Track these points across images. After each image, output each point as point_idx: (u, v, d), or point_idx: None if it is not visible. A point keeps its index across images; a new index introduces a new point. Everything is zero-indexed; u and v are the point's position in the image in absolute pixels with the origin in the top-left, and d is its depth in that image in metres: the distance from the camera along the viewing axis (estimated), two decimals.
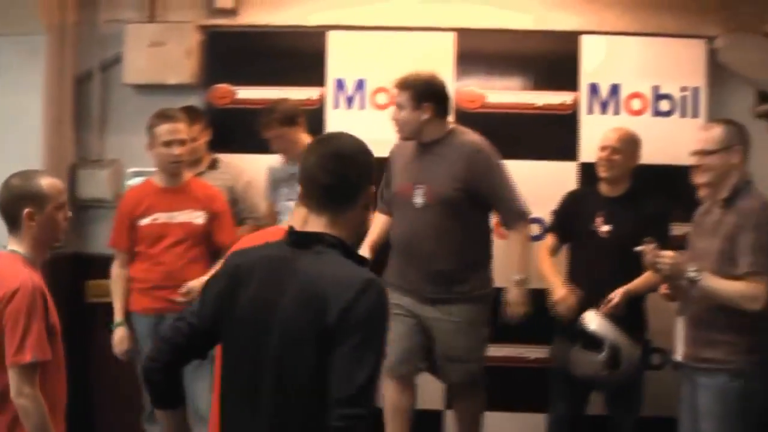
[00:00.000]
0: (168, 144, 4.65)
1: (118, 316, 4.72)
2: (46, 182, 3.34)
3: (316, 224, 2.51)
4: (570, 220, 4.96)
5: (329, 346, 2.31)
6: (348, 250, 2.51)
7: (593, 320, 4.55)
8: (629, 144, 4.86)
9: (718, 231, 3.84)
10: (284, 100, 5.10)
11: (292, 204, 4.95)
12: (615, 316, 4.55)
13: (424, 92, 4.49)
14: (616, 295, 4.57)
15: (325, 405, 2.30)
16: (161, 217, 4.69)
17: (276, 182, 5.12)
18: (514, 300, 4.58)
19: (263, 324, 2.42)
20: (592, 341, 4.51)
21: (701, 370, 3.86)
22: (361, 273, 2.42)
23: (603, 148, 4.85)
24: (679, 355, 4.02)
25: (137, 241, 4.71)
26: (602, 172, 4.86)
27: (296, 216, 3.31)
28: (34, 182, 3.32)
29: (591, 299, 4.68)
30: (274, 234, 3.03)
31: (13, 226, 3.30)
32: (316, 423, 2.32)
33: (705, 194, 3.97)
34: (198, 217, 4.72)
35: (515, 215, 4.60)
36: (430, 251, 4.46)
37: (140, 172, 5.39)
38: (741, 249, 3.73)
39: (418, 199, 4.49)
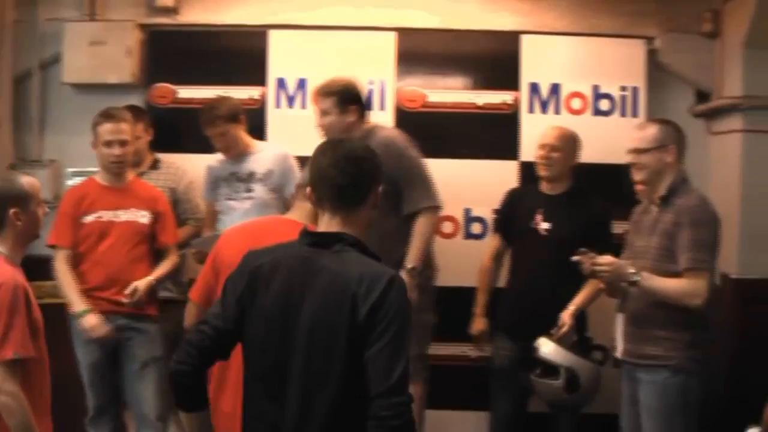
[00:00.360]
0: (109, 144, 4.59)
1: (80, 305, 4.52)
2: (27, 181, 3.44)
3: (331, 224, 2.67)
4: (511, 218, 4.98)
5: (360, 341, 2.49)
6: (365, 248, 2.66)
7: (546, 346, 4.55)
8: (568, 142, 4.89)
9: (656, 229, 3.90)
10: (226, 98, 5.07)
11: (233, 203, 4.95)
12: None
13: (349, 96, 4.59)
14: (566, 319, 4.58)
15: (352, 395, 2.50)
16: (106, 215, 4.62)
17: (216, 181, 5.07)
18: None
19: (290, 321, 2.58)
20: (549, 367, 4.53)
21: (642, 367, 3.89)
22: (385, 270, 2.58)
23: (542, 146, 4.88)
24: (619, 352, 4.06)
25: (79, 240, 4.63)
26: (542, 171, 4.89)
27: (297, 211, 3.47)
28: (17, 183, 3.42)
29: (532, 299, 4.72)
30: (269, 224, 3.44)
31: None
32: (341, 411, 2.52)
33: (642, 192, 4.03)
34: (142, 217, 4.66)
35: (420, 203, 4.59)
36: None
37: (80, 172, 5.33)
38: (680, 246, 3.78)
39: None
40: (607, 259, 3.87)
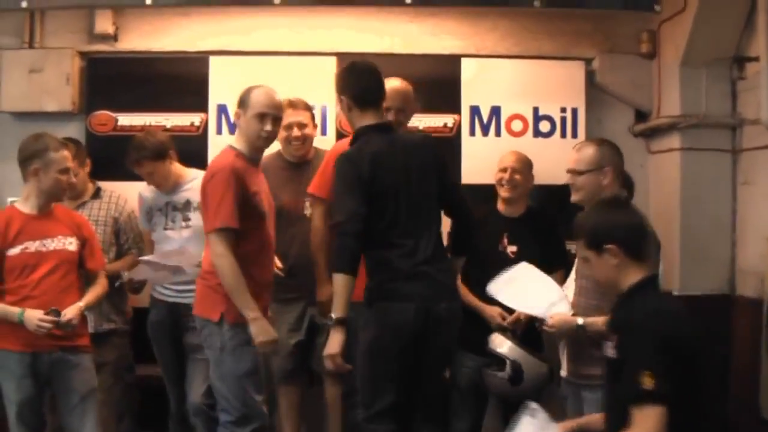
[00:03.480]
0: (66, 171, 4.48)
1: None
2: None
3: None
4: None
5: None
6: None
7: (497, 339, 4.66)
8: (526, 165, 4.95)
9: None
10: (151, 135, 4.95)
11: (170, 233, 4.88)
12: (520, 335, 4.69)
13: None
14: (521, 314, 4.66)
15: None
16: (32, 245, 4.48)
17: (150, 211, 4.99)
18: None
19: (404, 179, 3.95)
20: (500, 361, 4.61)
21: (585, 386, 3.91)
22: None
23: (503, 170, 4.91)
24: (564, 371, 4.08)
25: (6, 273, 4.45)
26: (504, 192, 4.91)
27: None
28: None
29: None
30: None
31: None
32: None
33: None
34: (70, 244, 4.53)
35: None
36: None
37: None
38: None
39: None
40: (552, 321, 3.92)
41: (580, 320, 3.84)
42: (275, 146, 4.74)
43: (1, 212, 4.63)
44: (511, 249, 4.85)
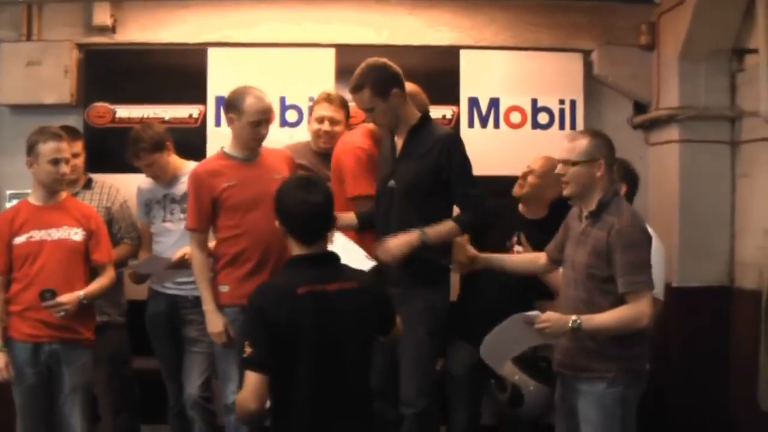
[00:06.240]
0: (56, 162, 4.52)
1: None
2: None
3: None
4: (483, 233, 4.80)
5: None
6: None
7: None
8: (546, 171, 4.78)
9: (585, 243, 3.84)
10: (149, 126, 4.95)
11: (169, 225, 4.89)
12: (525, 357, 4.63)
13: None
14: None
15: None
16: (37, 235, 4.55)
17: (148, 203, 5.00)
18: None
19: None
20: (503, 382, 4.67)
21: (580, 378, 3.88)
22: None
23: (526, 169, 4.91)
24: (555, 364, 4.05)
25: (13, 261, 4.57)
26: (516, 189, 4.93)
27: None
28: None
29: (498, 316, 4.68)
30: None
31: None
32: None
33: (573, 203, 4.02)
34: (75, 234, 4.59)
35: None
36: None
37: (18, 194, 5.25)
38: (617, 270, 3.72)
39: None
40: (545, 316, 3.76)
41: (573, 318, 3.71)
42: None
43: (14, 205, 4.82)
44: (518, 249, 4.82)
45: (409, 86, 4.61)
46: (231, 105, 4.46)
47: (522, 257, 4.57)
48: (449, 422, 4.96)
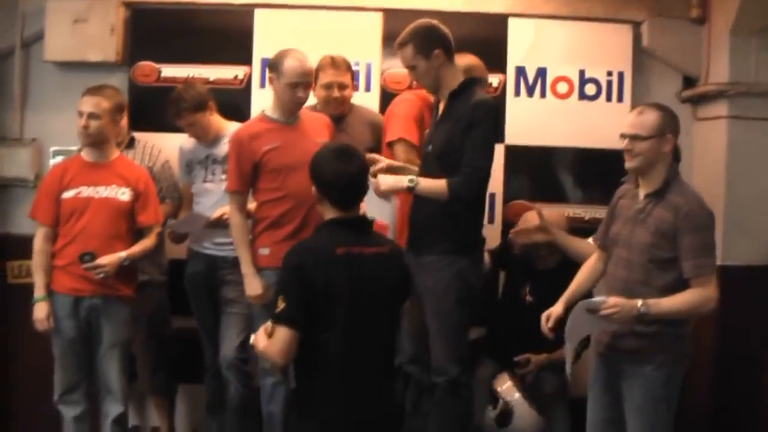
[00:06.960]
0: (79, 114, 4.57)
1: (39, 290, 4.57)
2: None
3: None
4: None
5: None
6: None
7: (501, 379, 4.83)
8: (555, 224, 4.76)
9: (645, 222, 3.78)
10: (191, 86, 4.97)
11: (210, 185, 4.90)
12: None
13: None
14: (533, 366, 4.86)
15: None
16: (85, 191, 4.59)
17: (189, 164, 5.01)
18: None
19: None
20: (495, 397, 4.77)
21: (626, 359, 3.84)
22: None
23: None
24: (599, 345, 4.00)
25: (60, 216, 4.60)
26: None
27: None
28: None
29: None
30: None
31: None
32: None
33: (632, 179, 3.94)
34: (123, 194, 4.62)
35: None
36: None
37: (62, 150, 5.31)
38: (685, 253, 3.68)
39: None
40: (612, 301, 3.68)
41: (639, 303, 3.65)
42: (311, 100, 4.79)
43: (66, 159, 4.91)
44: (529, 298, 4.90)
45: (469, 57, 4.60)
46: (272, 65, 4.52)
47: (585, 247, 4.38)
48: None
